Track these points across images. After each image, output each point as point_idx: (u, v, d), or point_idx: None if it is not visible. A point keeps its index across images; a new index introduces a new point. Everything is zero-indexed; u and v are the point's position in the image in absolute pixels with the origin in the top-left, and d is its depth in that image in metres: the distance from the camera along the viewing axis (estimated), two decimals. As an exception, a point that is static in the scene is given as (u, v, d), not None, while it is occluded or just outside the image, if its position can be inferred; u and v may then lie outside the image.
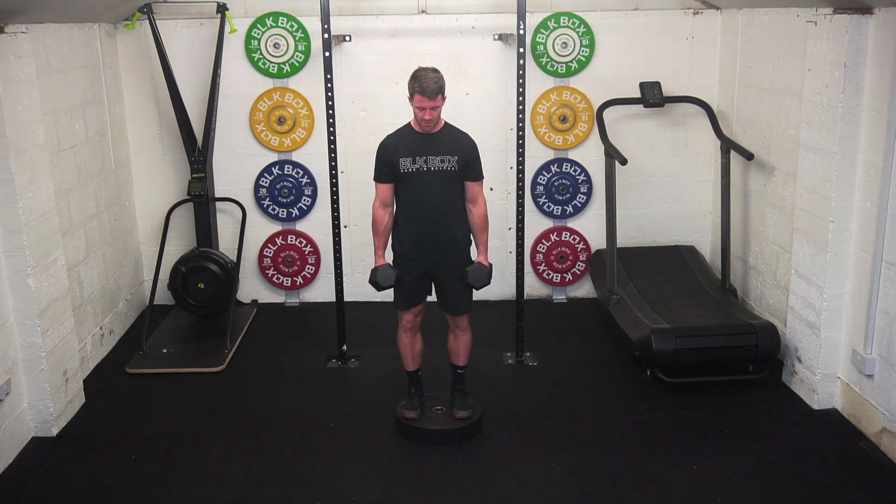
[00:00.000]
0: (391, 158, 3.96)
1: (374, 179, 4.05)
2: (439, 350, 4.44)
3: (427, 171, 3.96)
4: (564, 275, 6.09)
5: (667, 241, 6.05)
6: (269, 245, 6.00)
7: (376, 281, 4.08)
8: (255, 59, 5.65)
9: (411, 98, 3.92)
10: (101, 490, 3.83)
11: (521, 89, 4.76)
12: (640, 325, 4.77)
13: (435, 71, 3.93)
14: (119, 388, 4.85)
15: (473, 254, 4.19)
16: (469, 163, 4.04)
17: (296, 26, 5.60)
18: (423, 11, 5.65)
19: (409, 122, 4.06)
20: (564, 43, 5.66)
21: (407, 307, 4.14)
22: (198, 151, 5.50)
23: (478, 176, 4.10)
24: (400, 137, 4.02)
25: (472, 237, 4.20)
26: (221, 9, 5.45)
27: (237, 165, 5.86)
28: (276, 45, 5.63)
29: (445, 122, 4.05)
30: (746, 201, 5.39)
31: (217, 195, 5.77)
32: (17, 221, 3.98)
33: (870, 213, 4.03)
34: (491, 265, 4.17)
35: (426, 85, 3.86)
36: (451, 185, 4.03)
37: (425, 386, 4.39)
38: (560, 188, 5.92)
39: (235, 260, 5.58)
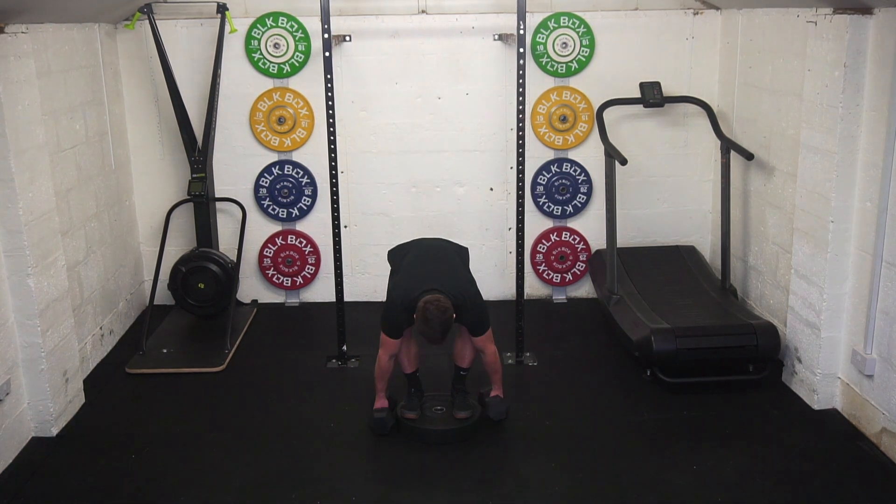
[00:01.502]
0: (403, 322, 3.98)
1: (385, 333, 4.02)
2: (436, 350, 4.43)
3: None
4: (564, 275, 6.09)
5: (667, 241, 6.05)
6: (269, 245, 6.00)
7: (373, 428, 4.22)
8: (255, 59, 5.65)
9: (416, 328, 3.89)
10: (101, 490, 3.83)
11: (521, 89, 4.76)
12: (640, 325, 4.77)
13: (443, 313, 3.76)
14: (119, 388, 4.85)
15: None
16: (475, 324, 4.07)
17: (296, 26, 5.60)
18: (423, 11, 5.65)
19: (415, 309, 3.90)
20: (564, 43, 5.66)
21: (394, 336, 4.08)
22: (198, 151, 5.50)
23: (481, 331, 4.09)
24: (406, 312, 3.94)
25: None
26: (221, 9, 5.45)
27: (237, 165, 5.86)
28: (276, 45, 5.63)
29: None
30: (746, 201, 5.39)
31: (217, 195, 5.77)
32: (17, 221, 3.98)
33: (870, 213, 4.03)
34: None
35: (433, 338, 3.83)
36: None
37: (424, 386, 4.39)
38: (560, 188, 5.92)
39: (235, 260, 5.58)
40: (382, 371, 4.14)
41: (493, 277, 5.97)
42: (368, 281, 6.01)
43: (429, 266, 4.10)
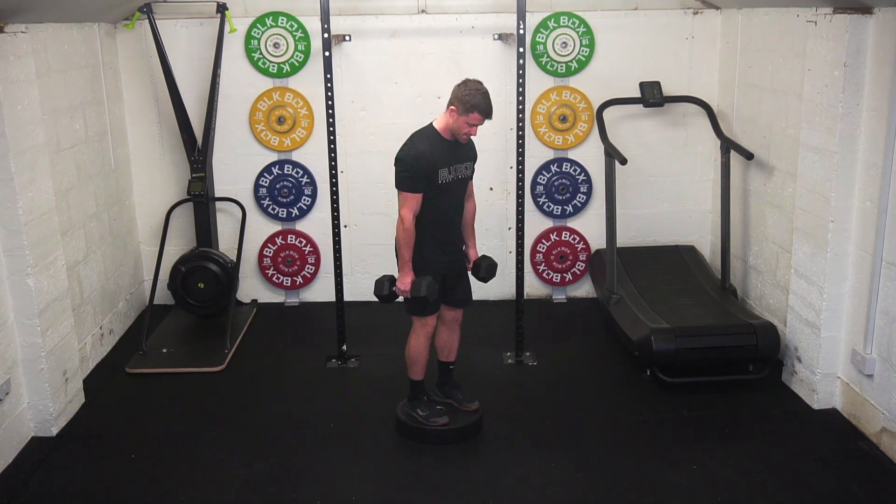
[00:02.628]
0: (430, 169, 3.84)
1: (407, 190, 3.83)
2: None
3: (456, 180, 3.97)
4: (564, 275, 6.09)
5: (667, 241, 6.05)
6: (269, 245, 6.00)
7: (424, 296, 3.91)
8: (255, 58, 5.65)
9: (463, 113, 3.79)
10: (101, 490, 3.83)
11: (520, 89, 4.76)
12: (640, 325, 4.77)
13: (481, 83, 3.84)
14: (119, 388, 4.85)
15: None
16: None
17: (296, 26, 5.60)
18: (422, 11, 5.65)
19: (432, 127, 3.92)
20: (564, 43, 5.66)
21: (434, 311, 4.08)
22: (198, 151, 5.50)
23: (473, 173, 4.15)
24: (431, 146, 3.87)
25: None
26: (221, 9, 5.45)
27: (237, 165, 5.86)
28: (275, 45, 5.63)
29: None
30: (746, 201, 5.39)
31: (217, 195, 5.77)
32: (17, 221, 3.98)
33: (870, 213, 4.03)
34: None
35: (489, 106, 3.81)
36: (465, 189, 4.11)
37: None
38: (560, 188, 5.92)
39: (235, 260, 5.58)
40: (409, 235, 3.88)
41: (494, 277, 5.96)
42: (368, 281, 5.98)
43: None
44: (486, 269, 4.21)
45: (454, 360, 4.33)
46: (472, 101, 3.77)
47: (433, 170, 3.85)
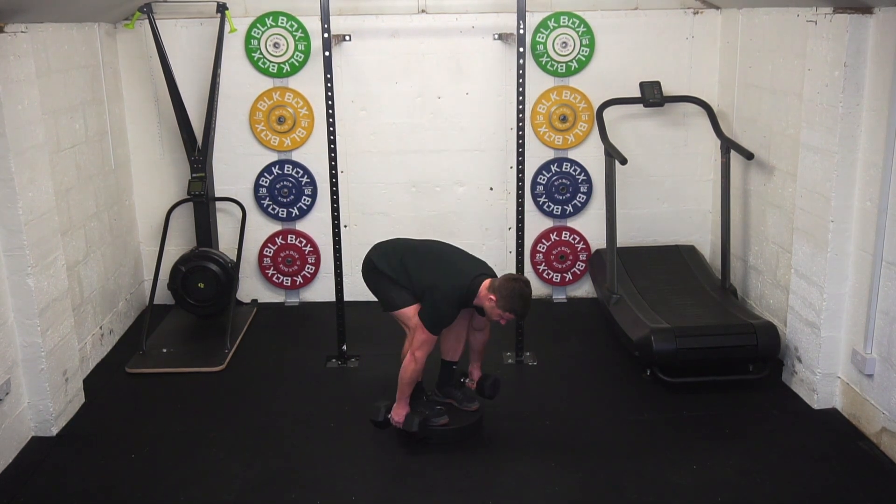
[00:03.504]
0: (456, 313, 3.97)
1: (431, 330, 3.88)
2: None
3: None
4: (564, 275, 6.09)
5: (667, 241, 6.05)
6: (269, 245, 6.00)
7: (415, 433, 4.03)
8: (255, 58, 5.65)
9: (500, 308, 3.81)
10: (101, 490, 3.83)
11: (520, 89, 4.76)
12: (640, 325, 4.77)
13: (529, 287, 3.91)
14: (119, 388, 4.85)
15: None
16: None
17: (296, 26, 5.60)
18: (423, 11, 5.65)
19: (474, 290, 3.89)
20: (564, 42, 5.66)
21: (449, 324, 4.06)
22: (198, 151, 5.50)
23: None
24: (460, 303, 3.93)
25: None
26: (221, 8, 5.45)
27: (237, 165, 5.86)
28: (276, 45, 5.63)
29: None
30: (746, 201, 5.39)
31: (217, 195, 5.77)
32: (17, 221, 3.97)
33: (870, 213, 4.03)
34: None
35: (525, 311, 3.89)
36: None
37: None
38: (560, 188, 5.91)
39: (235, 260, 5.58)
40: (418, 375, 4.02)
41: (494, 270, 5.95)
42: (368, 281, 6.00)
43: (451, 255, 4.11)
44: (491, 386, 4.26)
45: (457, 360, 4.33)
46: (511, 305, 3.81)
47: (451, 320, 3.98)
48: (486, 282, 3.89)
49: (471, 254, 4.18)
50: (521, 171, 4.88)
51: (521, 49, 4.72)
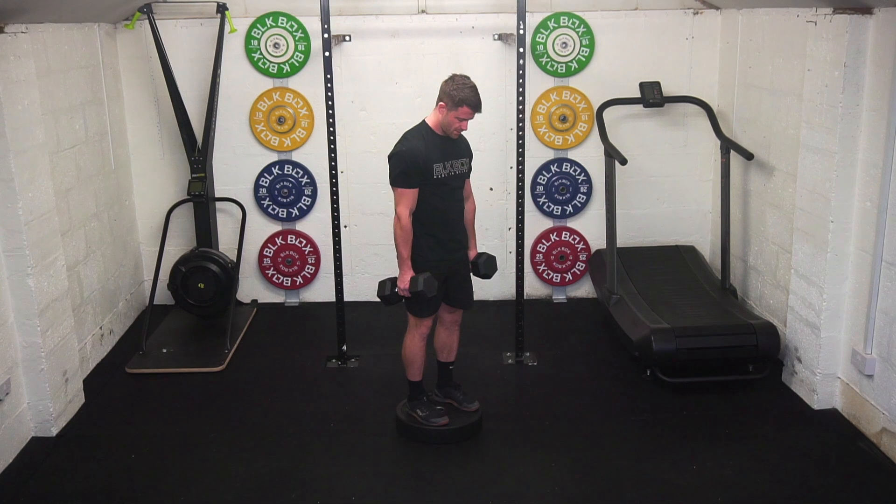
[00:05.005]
0: (425, 164, 3.85)
1: (402, 186, 3.83)
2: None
3: (452, 176, 3.97)
4: (564, 275, 6.09)
5: (667, 241, 6.05)
6: (269, 245, 6.00)
7: (422, 291, 3.88)
8: (255, 58, 5.65)
9: (452, 108, 3.81)
10: (101, 490, 3.83)
11: (520, 89, 4.76)
12: (640, 325, 4.77)
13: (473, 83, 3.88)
14: (119, 388, 4.85)
15: None
16: (471, 161, 4.12)
17: (296, 26, 5.60)
18: (423, 11, 5.65)
19: (425, 124, 3.94)
20: (564, 43, 5.66)
21: (432, 312, 4.08)
22: (198, 151, 5.50)
23: (471, 171, 4.16)
24: (424, 141, 3.88)
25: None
26: (221, 9, 5.45)
27: (237, 165, 5.86)
28: (276, 45, 5.63)
29: None
30: (746, 201, 5.39)
31: (217, 195, 5.77)
32: (17, 221, 3.98)
33: (870, 213, 4.03)
34: None
35: (477, 100, 3.83)
36: (462, 186, 4.10)
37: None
38: (560, 188, 5.92)
39: (235, 260, 5.58)
40: (407, 232, 3.89)
41: (493, 278, 5.95)
42: (368, 281, 6.00)
43: None
44: (484, 264, 4.20)
45: (454, 360, 4.33)
46: (459, 94, 3.79)
47: (427, 164, 3.85)
48: (431, 112, 3.91)
49: None
50: (521, 172, 4.88)
51: (521, 49, 4.72)
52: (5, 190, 3.93)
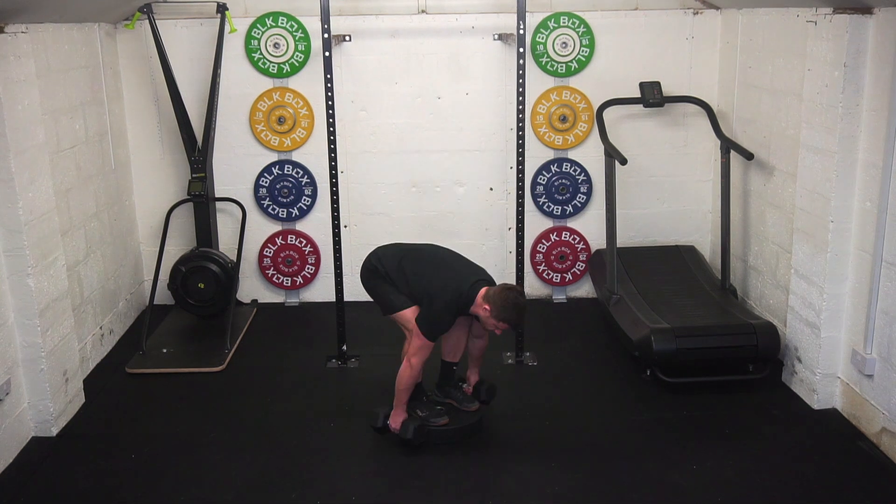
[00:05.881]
0: (454, 320, 3.99)
1: (427, 337, 3.89)
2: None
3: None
4: (564, 275, 6.09)
5: (667, 241, 6.05)
6: (269, 245, 6.00)
7: (410, 440, 4.00)
8: (255, 58, 5.65)
9: (494, 317, 3.82)
10: (101, 490, 3.83)
11: (520, 89, 4.76)
12: (640, 325, 4.77)
13: (524, 296, 3.96)
14: (119, 388, 4.85)
15: None
16: None
17: (296, 26, 5.60)
18: (423, 11, 5.65)
19: (471, 298, 3.90)
20: (564, 43, 5.66)
21: (443, 332, 4.06)
22: (198, 151, 5.50)
23: None
24: (459, 310, 3.95)
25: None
26: (221, 9, 5.45)
27: (237, 165, 5.86)
28: (276, 45, 5.63)
29: None
30: (746, 201, 5.39)
31: (217, 195, 5.77)
32: (17, 221, 3.97)
33: (870, 213, 4.03)
34: None
35: (520, 320, 3.94)
36: None
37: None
38: (560, 188, 5.92)
39: (235, 260, 5.58)
40: (414, 381, 4.03)
41: (493, 277, 5.96)
42: (368, 281, 6.00)
43: (449, 261, 4.11)
44: (487, 391, 4.30)
45: (458, 361, 4.33)
46: (505, 315, 3.82)
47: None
48: (483, 290, 3.89)
49: (469, 260, 4.18)
50: (521, 172, 4.88)
51: (521, 49, 4.72)
52: (5, 190, 3.93)
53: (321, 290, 6.09)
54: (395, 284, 4.07)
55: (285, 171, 5.86)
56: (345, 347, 5.10)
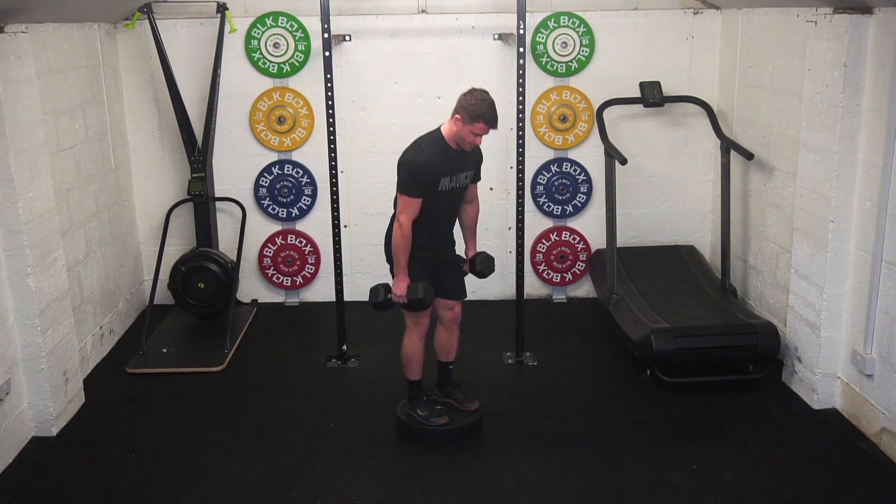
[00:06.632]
0: (433, 177, 3.86)
1: (408, 194, 3.82)
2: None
3: (456, 188, 3.99)
4: (564, 275, 6.09)
5: (667, 241, 6.05)
6: (269, 245, 6.00)
7: (422, 299, 3.90)
8: (255, 58, 5.65)
9: (468, 122, 3.80)
10: (101, 490, 3.83)
11: (521, 89, 4.76)
12: (640, 325, 4.77)
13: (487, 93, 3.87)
14: (119, 388, 4.85)
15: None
16: (478, 170, 4.14)
17: (296, 26, 5.60)
18: (423, 11, 5.65)
19: (440, 134, 3.92)
20: (564, 43, 5.66)
21: (426, 306, 4.04)
22: (198, 151, 5.50)
23: (479, 177, 4.16)
24: (436, 153, 3.88)
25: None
26: (221, 8, 5.45)
27: (237, 165, 5.86)
28: (276, 45, 5.63)
29: None
30: (746, 201, 5.39)
31: (217, 195, 5.77)
32: (17, 221, 3.98)
33: (870, 213, 4.03)
34: None
35: (494, 116, 3.83)
36: (462, 197, 4.12)
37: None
38: (560, 188, 5.92)
39: (235, 260, 5.58)
40: (407, 241, 3.88)
41: (493, 277, 5.91)
42: (368, 281, 5.94)
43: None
44: (482, 262, 4.22)
45: (453, 359, 4.33)
46: (477, 110, 3.78)
47: (436, 178, 3.86)
48: (446, 121, 3.89)
49: None
50: (521, 172, 4.88)
51: (521, 49, 4.72)
52: (5, 190, 3.93)
53: (321, 290, 6.09)
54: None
55: (285, 171, 5.86)
56: (345, 347, 5.10)
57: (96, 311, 5.16)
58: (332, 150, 4.85)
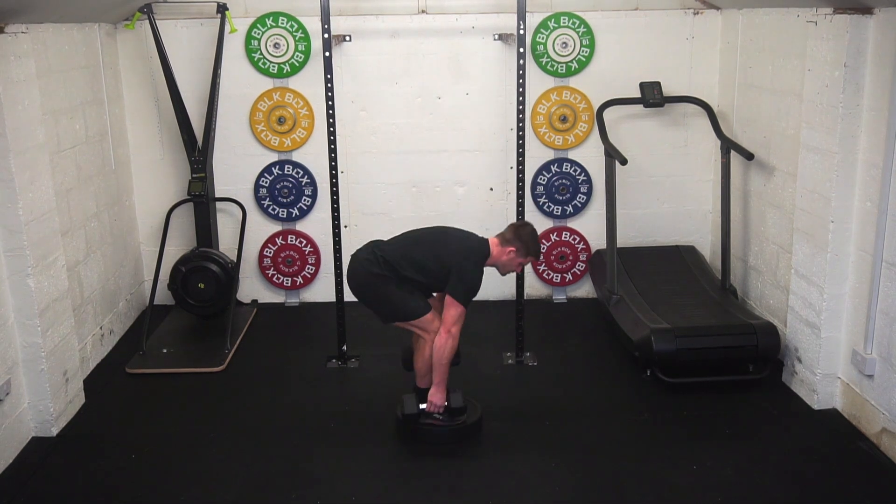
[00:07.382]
0: None
1: (465, 304, 3.92)
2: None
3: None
4: (564, 275, 6.09)
5: (667, 241, 6.05)
6: (269, 245, 6.00)
7: (464, 406, 4.08)
8: (255, 59, 5.65)
9: (523, 255, 4.02)
10: (101, 490, 3.83)
11: (521, 89, 4.76)
12: (640, 325, 4.77)
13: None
14: (119, 388, 4.85)
15: None
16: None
17: (296, 26, 5.60)
18: (423, 11, 5.65)
19: (486, 257, 4.03)
20: (564, 43, 5.66)
21: (430, 307, 4.03)
22: (198, 151, 5.50)
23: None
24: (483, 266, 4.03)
25: None
26: (221, 9, 5.45)
27: (237, 165, 5.86)
28: (276, 45, 5.63)
29: None
30: (746, 201, 5.39)
31: (217, 195, 5.77)
32: (17, 221, 3.97)
33: (870, 213, 4.03)
34: None
35: (538, 248, 4.09)
36: None
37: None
38: (560, 188, 5.92)
39: (235, 260, 5.58)
40: (454, 352, 3.97)
41: (493, 277, 5.93)
42: (368, 281, 6.00)
43: (448, 232, 4.17)
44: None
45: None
46: (534, 248, 4.00)
47: None
48: (493, 239, 4.04)
49: (449, 225, 4.31)
50: (521, 172, 4.88)
51: (522, 49, 4.72)
52: (5, 190, 3.93)
53: (321, 290, 6.09)
54: (412, 282, 3.95)
55: (285, 172, 5.86)
56: (345, 347, 5.10)
57: (96, 312, 5.16)
58: (333, 151, 4.85)
